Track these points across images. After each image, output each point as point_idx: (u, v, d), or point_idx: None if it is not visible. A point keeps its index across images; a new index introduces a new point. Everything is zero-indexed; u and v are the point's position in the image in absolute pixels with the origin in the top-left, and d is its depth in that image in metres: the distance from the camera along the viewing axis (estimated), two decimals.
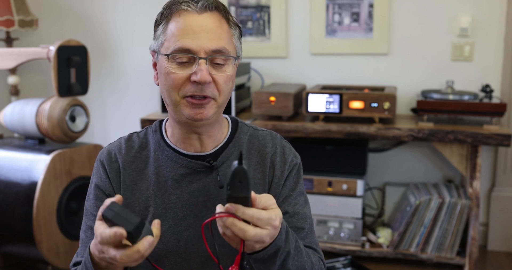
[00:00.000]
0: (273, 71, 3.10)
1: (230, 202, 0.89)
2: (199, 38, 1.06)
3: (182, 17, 1.08)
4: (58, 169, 2.47)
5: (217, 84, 1.08)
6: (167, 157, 1.17)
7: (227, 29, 1.11)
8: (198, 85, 1.06)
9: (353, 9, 2.93)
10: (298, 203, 1.21)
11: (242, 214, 0.89)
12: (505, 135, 2.42)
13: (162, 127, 1.22)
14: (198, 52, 1.06)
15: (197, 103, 1.08)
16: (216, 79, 1.08)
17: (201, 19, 1.07)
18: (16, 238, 2.50)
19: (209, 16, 1.08)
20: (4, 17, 2.99)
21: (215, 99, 1.09)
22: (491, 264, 2.78)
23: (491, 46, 2.82)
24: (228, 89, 1.11)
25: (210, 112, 1.09)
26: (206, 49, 1.06)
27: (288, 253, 1.01)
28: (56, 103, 2.53)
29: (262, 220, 0.91)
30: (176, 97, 1.09)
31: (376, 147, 3.01)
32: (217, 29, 1.08)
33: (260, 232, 0.90)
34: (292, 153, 1.23)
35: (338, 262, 2.53)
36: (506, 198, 2.93)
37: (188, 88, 1.07)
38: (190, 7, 1.08)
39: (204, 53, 1.06)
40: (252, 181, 1.06)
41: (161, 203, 1.14)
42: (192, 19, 1.07)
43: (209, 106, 1.09)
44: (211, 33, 1.07)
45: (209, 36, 1.06)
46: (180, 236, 1.13)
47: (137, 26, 3.23)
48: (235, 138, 1.20)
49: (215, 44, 1.07)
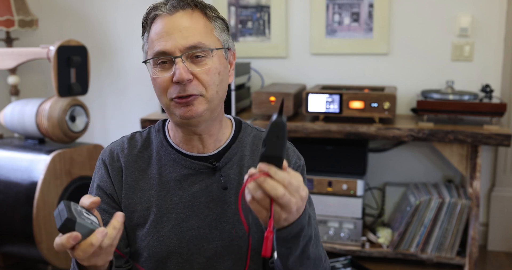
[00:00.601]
0: (273, 71, 3.10)
1: (263, 161, 0.88)
2: (173, 39, 1.06)
3: (157, 22, 1.09)
4: (58, 169, 2.47)
5: (200, 80, 1.07)
6: (170, 158, 1.16)
7: (204, 23, 1.09)
8: (181, 84, 1.06)
9: (353, 9, 2.93)
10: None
11: (274, 174, 0.87)
12: (505, 135, 2.42)
13: (165, 127, 1.21)
14: (173, 52, 1.06)
15: (184, 102, 1.07)
16: (197, 74, 1.07)
17: (173, 19, 1.07)
18: (16, 238, 2.50)
19: (181, 15, 1.08)
20: (4, 17, 2.99)
21: (202, 95, 1.08)
22: (491, 264, 2.78)
23: (491, 46, 2.82)
24: (215, 82, 1.09)
25: (200, 108, 1.08)
26: (181, 47, 1.06)
27: (310, 238, 1.01)
28: (56, 103, 2.53)
29: (292, 185, 0.89)
30: (166, 100, 1.09)
31: (376, 147, 3.01)
32: (190, 25, 1.07)
33: (288, 195, 0.88)
34: (296, 154, 1.23)
35: (338, 262, 2.53)
36: (506, 198, 2.93)
37: (173, 90, 1.07)
38: (162, 10, 1.08)
39: (179, 51, 1.06)
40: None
41: (163, 203, 1.14)
42: (165, 21, 1.07)
43: (197, 102, 1.08)
44: (184, 30, 1.06)
45: (183, 34, 1.06)
46: (182, 237, 1.13)
47: (137, 26, 3.22)
48: (239, 139, 1.20)
49: (190, 41, 1.06)
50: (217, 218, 1.14)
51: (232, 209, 1.15)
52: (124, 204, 1.16)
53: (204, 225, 1.14)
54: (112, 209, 1.16)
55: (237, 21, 3.09)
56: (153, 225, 1.14)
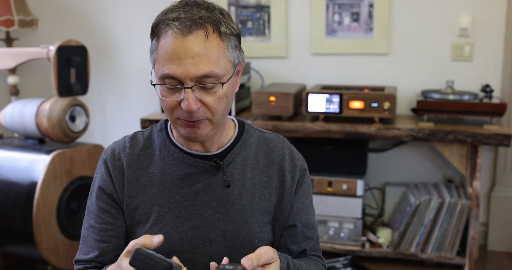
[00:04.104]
0: (273, 71, 3.10)
1: None
2: (184, 65, 1.02)
3: (168, 39, 1.03)
4: (58, 169, 2.47)
5: (207, 107, 1.06)
6: (173, 156, 1.17)
7: (217, 44, 1.05)
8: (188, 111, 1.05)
9: (353, 9, 2.93)
10: (310, 211, 1.24)
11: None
12: (505, 135, 2.42)
13: (168, 126, 1.22)
14: (184, 79, 1.03)
15: (190, 124, 1.08)
16: (206, 102, 1.06)
17: (186, 42, 1.02)
18: (16, 238, 2.50)
19: (194, 37, 1.02)
20: (4, 17, 2.99)
21: (208, 119, 1.08)
22: (491, 264, 2.78)
23: (491, 46, 2.82)
24: (222, 107, 1.08)
25: (205, 131, 1.09)
26: (192, 76, 1.02)
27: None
28: (56, 103, 2.53)
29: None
30: (172, 118, 1.10)
31: (376, 147, 3.01)
32: (203, 51, 1.02)
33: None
34: (300, 157, 1.25)
35: (338, 262, 2.53)
36: (506, 198, 2.93)
37: (180, 113, 1.07)
38: (174, 29, 1.03)
39: (189, 80, 1.03)
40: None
41: (166, 202, 1.15)
42: (177, 43, 1.02)
43: (203, 125, 1.08)
44: (197, 57, 1.02)
45: (195, 61, 1.02)
46: (184, 236, 1.14)
47: (137, 26, 3.23)
48: (242, 139, 1.20)
49: (201, 70, 1.02)
50: (220, 218, 1.15)
51: (235, 209, 1.15)
52: (126, 202, 1.16)
53: (206, 225, 1.14)
54: (112, 208, 1.17)
55: (237, 21, 3.09)
56: (155, 223, 1.14)
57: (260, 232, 1.16)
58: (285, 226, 1.21)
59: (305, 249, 1.24)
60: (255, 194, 1.18)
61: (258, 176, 1.19)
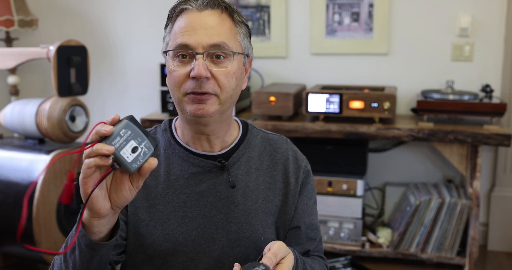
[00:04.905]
0: (273, 71, 3.10)
1: None
2: (197, 34, 1.06)
3: (183, 16, 1.09)
4: (58, 169, 2.47)
5: (217, 80, 1.07)
6: (178, 156, 1.17)
7: (230, 26, 1.10)
8: (197, 81, 1.06)
9: (353, 9, 2.93)
10: (314, 213, 1.25)
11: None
12: (505, 135, 2.42)
13: (172, 126, 1.22)
14: (196, 47, 1.06)
15: (198, 98, 1.07)
16: (215, 74, 1.07)
17: (201, 16, 1.07)
18: (16, 238, 2.50)
19: (209, 13, 1.08)
20: (4, 17, 2.99)
21: (216, 95, 1.08)
22: (491, 264, 2.78)
23: (491, 46, 2.82)
24: (231, 85, 1.09)
25: (212, 109, 1.08)
26: (204, 44, 1.06)
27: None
28: (56, 103, 2.53)
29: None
30: (179, 95, 1.09)
31: (376, 147, 3.01)
32: (217, 25, 1.07)
33: None
34: (304, 158, 1.26)
35: (338, 262, 2.53)
36: (506, 198, 2.93)
37: (188, 85, 1.07)
38: (191, 5, 1.08)
39: (202, 48, 1.06)
40: None
41: (170, 201, 1.15)
42: (193, 17, 1.08)
43: (210, 102, 1.08)
44: (210, 29, 1.07)
45: (208, 32, 1.06)
46: (188, 236, 1.13)
47: (137, 26, 3.23)
48: (246, 140, 1.21)
49: (214, 39, 1.06)
50: (224, 218, 1.14)
51: (239, 209, 1.15)
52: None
53: (210, 225, 1.14)
54: None
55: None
56: (159, 222, 1.14)
57: (264, 233, 1.16)
58: (289, 228, 1.21)
59: (308, 250, 1.24)
60: (259, 195, 1.18)
61: (262, 177, 1.19)
